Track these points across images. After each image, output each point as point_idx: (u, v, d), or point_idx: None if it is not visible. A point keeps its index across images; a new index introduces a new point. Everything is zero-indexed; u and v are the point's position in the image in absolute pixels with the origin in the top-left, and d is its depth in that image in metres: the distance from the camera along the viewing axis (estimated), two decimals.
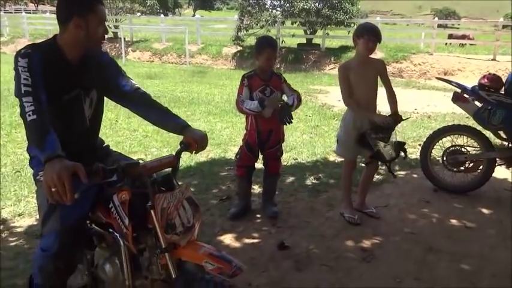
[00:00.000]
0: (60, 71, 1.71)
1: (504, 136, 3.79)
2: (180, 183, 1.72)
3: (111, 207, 1.67)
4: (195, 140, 1.75)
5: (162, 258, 1.60)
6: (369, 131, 3.06)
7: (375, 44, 3.03)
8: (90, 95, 1.85)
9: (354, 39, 3.13)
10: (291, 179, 4.24)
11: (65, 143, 1.54)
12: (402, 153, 3.17)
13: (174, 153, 1.74)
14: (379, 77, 3.21)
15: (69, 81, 1.74)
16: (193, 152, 1.78)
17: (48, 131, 1.50)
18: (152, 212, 1.55)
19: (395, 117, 3.12)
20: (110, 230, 1.75)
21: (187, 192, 1.67)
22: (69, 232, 1.70)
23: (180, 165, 4.93)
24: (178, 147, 1.76)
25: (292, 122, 3.13)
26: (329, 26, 14.71)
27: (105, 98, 1.96)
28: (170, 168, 1.71)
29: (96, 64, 1.83)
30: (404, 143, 3.19)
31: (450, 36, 17.57)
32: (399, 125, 3.26)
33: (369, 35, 3.02)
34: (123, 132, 5.96)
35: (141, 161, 1.65)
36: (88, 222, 1.84)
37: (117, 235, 1.70)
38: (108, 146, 2.09)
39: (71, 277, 1.88)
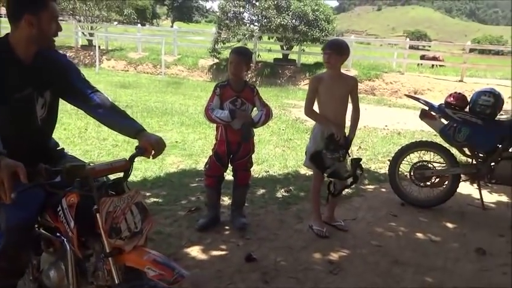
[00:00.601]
0: (11, 70, 1.67)
1: (468, 153, 3.92)
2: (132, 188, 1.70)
3: (59, 211, 1.63)
4: (150, 145, 1.72)
5: (108, 263, 1.56)
6: (324, 151, 3.08)
7: (331, 56, 3.09)
8: (44, 96, 1.80)
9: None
10: (261, 191, 4.23)
11: (14, 142, 1.50)
12: (358, 170, 3.17)
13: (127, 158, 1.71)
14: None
15: (21, 80, 1.70)
16: (150, 157, 1.75)
17: None
18: (97, 215, 1.52)
19: (347, 142, 3.14)
20: (58, 234, 1.72)
21: (137, 197, 1.64)
22: (15, 233, 1.65)
23: (149, 175, 4.80)
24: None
25: (248, 141, 3.14)
26: (305, 43, 14.99)
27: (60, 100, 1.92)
28: (123, 173, 1.68)
29: (53, 64, 1.80)
30: (360, 159, 3.20)
31: (422, 57, 18.26)
32: (370, 140, 3.30)
33: (326, 48, 3.13)
34: (92, 141, 5.82)
35: (91, 164, 1.62)
36: (36, 226, 1.79)
37: (64, 239, 1.67)
38: (62, 149, 2.03)
39: (19, 282, 1.83)
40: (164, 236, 3.14)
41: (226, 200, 3.72)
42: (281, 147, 6.09)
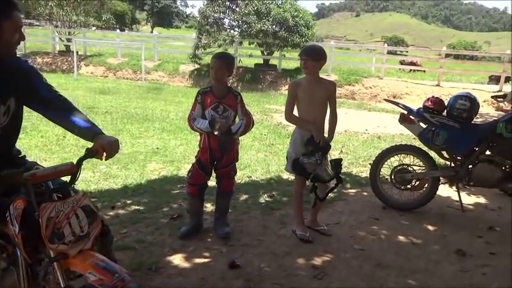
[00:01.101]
0: None
1: (447, 156, 3.99)
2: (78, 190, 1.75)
3: (7, 217, 1.65)
4: (102, 147, 1.76)
5: (54, 268, 1.59)
6: (301, 157, 3.09)
7: (306, 61, 3.12)
8: (7, 103, 1.80)
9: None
10: (244, 196, 4.21)
11: None
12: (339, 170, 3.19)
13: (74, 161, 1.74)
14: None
15: None
16: (102, 158, 1.79)
17: None
18: (40, 221, 1.54)
19: (326, 145, 3.15)
20: (10, 239, 1.73)
21: (83, 201, 1.66)
22: None
23: (130, 182, 4.72)
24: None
25: (226, 150, 3.11)
26: (286, 48, 15.09)
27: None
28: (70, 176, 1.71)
29: (15, 72, 1.80)
30: (340, 160, 3.22)
31: (402, 63, 18.60)
32: (351, 145, 3.32)
33: (303, 54, 3.16)
34: (71, 149, 5.69)
35: (38, 168, 1.66)
36: None
37: (15, 245, 1.69)
38: (24, 156, 2.03)
39: None
40: (146, 244, 3.08)
41: (209, 207, 3.69)
42: (263, 152, 6.09)
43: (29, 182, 1.57)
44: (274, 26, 14.59)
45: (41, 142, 5.90)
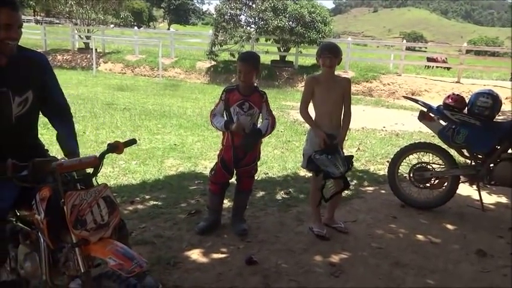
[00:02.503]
0: None
1: (467, 154, 3.92)
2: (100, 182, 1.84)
3: (33, 204, 1.76)
4: (122, 144, 1.93)
5: (75, 253, 1.68)
6: (313, 153, 3.07)
7: (331, 60, 3.11)
8: (25, 95, 1.89)
9: (316, 59, 3.25)
10: (261, 193, 4.22)
11: None
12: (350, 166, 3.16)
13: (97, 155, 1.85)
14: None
15: None
16: (121, 153, 1.96)
17: None
18: (64, 208, 1.64)
19: (336, 144, 3.12)
20: (33, 227, 1.84)
21: (104, 191, 1.76)
22: None
23: (149, 178, 4.79)
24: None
25: (250, 151, 3.12)
26: (302, 45, 15.00)
27: None
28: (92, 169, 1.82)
29: (33, 65, 1.90)
30: (352, 157, 3.20)
31: (429, 59, 17.98)
32: (368, 142, 3.30)
33: (326, 52, 3.14)
34: (91, 144, 5.80)
35: (62, 160, 1.75)
36: (15, 220, 1.94)
37: (39, 232, 1.79)
38: (47, 150, 2.14)
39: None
40: (164, 239, 3.13)
41: (226, 203, 3.71)
42: (280, 149, 6.09)
43: (57, 170, 1.67)
44: (290, 23, 14.51)
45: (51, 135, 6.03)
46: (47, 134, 5.68)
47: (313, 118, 3.25)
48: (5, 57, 1.78)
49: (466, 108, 3.83)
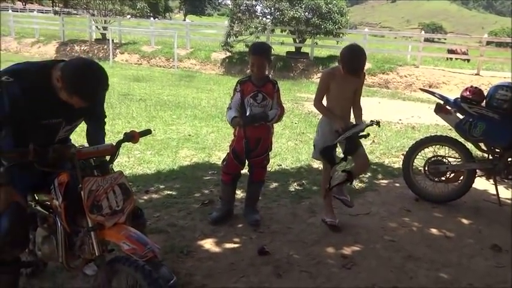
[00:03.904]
0: (46, 101, 1.81)
1: (484, 148, 3.86)
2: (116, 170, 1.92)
3: (51, 189, 1.83)
4: (138, 133, 2.02)
5: (91, 237, 1.75)
6: (340, 138, 3.04)
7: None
8: (75, 123, 2.02)
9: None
10: (274, 185, 4.23)
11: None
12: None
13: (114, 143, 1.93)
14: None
15: (52, 111, 1.86)
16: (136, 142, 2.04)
17: None
18: (82, 193, 1.70)
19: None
20: (51, 211, 1.92)
21: (120, 179, 1.82)
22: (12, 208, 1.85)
23: (163, 168, 4.84)
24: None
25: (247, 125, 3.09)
26: (318, 36, 14.85)
27: None
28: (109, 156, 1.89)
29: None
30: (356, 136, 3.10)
31: (450, 52, 17.55)
32: (383, 135, 3.26)
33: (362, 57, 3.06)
34: (107, 134, 5.87)
35: (81, 147, 1.83)
36: (33, 204, 2.02)
37: (56, 216, 1.87)
38: (70, 139, 2.22)
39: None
40: (178, 228, 3.17)
41: (239, 194, 3.74)
42: (293, 140, 6.08)
43: (75, 157, 1.74)
44: (306, 13, 14.36)
45: (79, 128, 6.12)
46: None
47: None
48: None
49: (484, 101, 3.75)
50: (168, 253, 2.78)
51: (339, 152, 3.27)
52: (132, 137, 1.97)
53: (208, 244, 2.99)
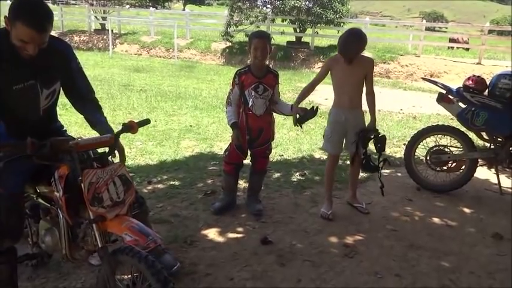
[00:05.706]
0: (9, 64, 1.76)
1: (486, 137, 3.86)
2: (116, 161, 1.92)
3: (52, 181, 1.82)
4: (136, 124, 1.97)
5: (92, 229, 1.75)
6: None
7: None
8: (53, 87, 1.93)
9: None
10: (276, 175, 4.24)
11: (19, 128, 1.74)
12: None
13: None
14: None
15: (20, 74, 1.80)
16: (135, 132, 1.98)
17: None
18: (82, 185, 1.68)
19: (370, 133, 3.18)
20: (53, 203, 1.92)
21: (120, 170, 1.80)
22: (2, 198, 1.87)
23: (165, 158, 4.85)
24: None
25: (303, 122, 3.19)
26: (319, 25, 14.74)
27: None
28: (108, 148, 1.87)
29: (57, 56, 1.91)
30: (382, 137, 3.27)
31: (452, 40, 17.42)
32: (385, 124, 3.28)
33: (363, 44, 3.13)
34: None
35: (79, 139, 1.80)
36: (35, 196, 2.03)
37: (58, 208, 1.87)
38: (66, 130, 2.21)
39: (23, 247, 2.08)
40: (181, 219, 3.19)
41: (242, 184, 3.75)
42: (295, 131, 6.07)
43: (74, 149, 1.72)
44: (307, 2, 14.25)
45: (80, 119, 6.06)
46: (65, 115, 5.81)
47: (334, 98, 3.27)
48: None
49: (487, 90, 3.74)
50: (171, 243, 2.80)
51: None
52: (130, 127, 1.93)
53: (212, 234, 3.01)
